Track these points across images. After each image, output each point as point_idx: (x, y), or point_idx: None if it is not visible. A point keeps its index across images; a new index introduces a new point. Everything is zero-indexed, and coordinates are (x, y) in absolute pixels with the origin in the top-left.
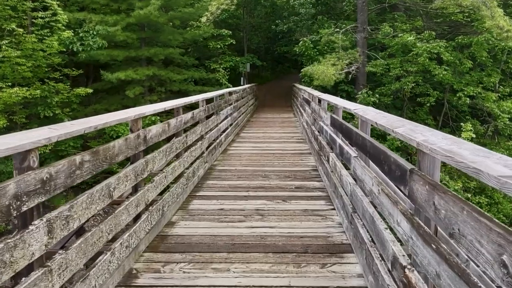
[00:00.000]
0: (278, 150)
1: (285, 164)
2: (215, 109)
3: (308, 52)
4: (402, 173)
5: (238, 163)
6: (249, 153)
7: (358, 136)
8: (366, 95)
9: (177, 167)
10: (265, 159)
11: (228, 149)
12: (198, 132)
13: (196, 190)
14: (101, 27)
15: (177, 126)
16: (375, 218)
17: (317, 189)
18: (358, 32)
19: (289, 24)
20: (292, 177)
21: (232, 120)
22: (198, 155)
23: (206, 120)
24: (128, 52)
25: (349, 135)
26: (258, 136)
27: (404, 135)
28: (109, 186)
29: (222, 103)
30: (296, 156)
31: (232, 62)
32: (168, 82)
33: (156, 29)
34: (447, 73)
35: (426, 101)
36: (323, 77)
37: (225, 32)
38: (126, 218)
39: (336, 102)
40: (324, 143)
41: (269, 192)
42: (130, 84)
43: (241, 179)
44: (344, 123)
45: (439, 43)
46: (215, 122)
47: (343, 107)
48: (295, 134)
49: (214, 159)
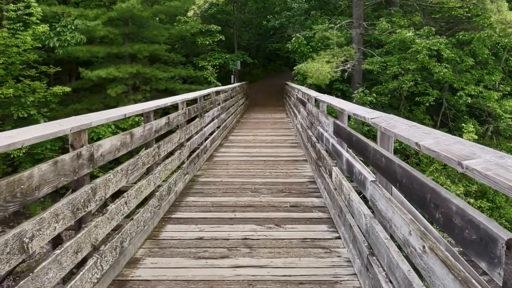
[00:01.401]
0: (270, 157)
1: (278, 174)
2: (199, 111)
3: (301, 49)
4: (486, 242)
5: (224, 173)
6: (238, 160)
7: (379, 155)
8: (362, 94)
9: (145, 187)
10: (255, 168)
11: (214, 156)
12: (176, 140)
13: (172, 211)
14: (80, 22)
15: (145, 136)
16: (415, 285)
17: (316, 208)
18: (353, 28)
19: (281, 19)
20: (287, 192)
21: (219, 122)
22: (176, 167)
23: (187, 125)
24: (110, 48)
25: (362, 150)
26: (248, 139)
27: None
28: (21, 236)
29: (208, 104)
30: (290, 163)
31: (221, 59)
32: (153, 80)
33: (141, 24)
34: (448, 71)
35: (425, 100)
36: (318, 75)
37: (214, 28)
38: (56, 274)
39: (341, 106)
40: (324, 153)
41: (259, 213)
42: (112, 83)
43: (227, 195)
44: (354, 134)
45: (439, 40)
46: (199, 126)
47: (352, 113)
48: (288, 137)
49: (197, 168)
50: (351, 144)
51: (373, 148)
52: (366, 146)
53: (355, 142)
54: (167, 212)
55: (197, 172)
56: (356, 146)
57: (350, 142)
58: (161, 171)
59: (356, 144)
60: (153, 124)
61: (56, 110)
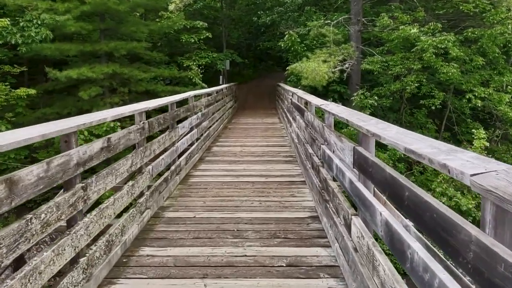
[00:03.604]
0: (259, 177)
1: (270, 205)
2: (169, 123)
3: (295, 47)
4: None
5: (200, 203)
6: (220, 182)
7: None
8: (363, 97)
9: (50, 261)
10: (240, 195)
11: (191, 176)
12: (125, 169)
13: (113, 276)
14: (48, 16)
15: (51, 175)
16: None
17: (324, 269)
18: (351, 24)
19: (273, 16)
20: (281, 236)
21: (200, 132)
22: (127, 205)
23: (150, 143)
24: (82, 46)
25: (419, 214)
26: (234, 151)
27: None
28: None
29: (183, 112)
30: (284, 187)
31: (208, 58)
32: (132, 81)
33: (121, 19)
34: (456, 71)
35: (431, 103)
36: (314, 75)
37: (200, 24)
38: None
39: (370, 127)
40: (333, 185)
41: (241, 280)
42: (86, 84)
43: (199, 242)
44: (394, 176)
45: (447, 37)
46: (169, 142)
47: (392, 141)
48: (281, 148)
49: (165, 196)
50: (385, 187)
51: (461, 227)
52: (421, 203)
53: (394, 187)
54: (104, 279)
55: (165, 202)
56: (397, 194)
57: (383, 184)
58: (90, 224)
59: (396, 190)
60: (72, 155)
61: (24, 115)
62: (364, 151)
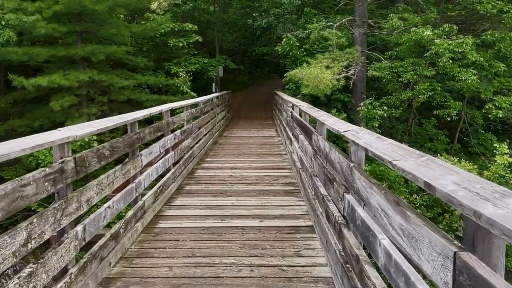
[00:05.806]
0: (252, 219)
1: (266, 273)
2: (123, 151)
3: (293, 52)
4: None
5: (164, 270)
6: (199, 227)
7: None
8: (370, 107)
9: None
10: (224, 253)
11: (162, 216)
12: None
13: None
14: (14, 16)
15: None
16: None
17: None
18: (356, 26)
19: (269, 18)
20: None
21: (179, 154)
22: None
23: (82, 188)
24: (55, 50)
25: None
26: (223, 176)
27: None
28: None
29: (149, 134)
30: (286, 238)
31: (198, 64)
32: (113, 89)
33: (101, 21)
34: (475, 78)
35: (445, 114)
36: (317, 83)
37: (189, 27)
38: None
39: None
40: (364, 259)
41: None
42: (60, 93)
43: None
44: None
45: (465, 40)
46: (120, 180)
47: None
48: (280, 171)
49: (112, 262)
50: None
51: None
52: None
53: None
54: None
55: (112, 271)
56: None
57: None
58: None
59: None
60: None
61: None
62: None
